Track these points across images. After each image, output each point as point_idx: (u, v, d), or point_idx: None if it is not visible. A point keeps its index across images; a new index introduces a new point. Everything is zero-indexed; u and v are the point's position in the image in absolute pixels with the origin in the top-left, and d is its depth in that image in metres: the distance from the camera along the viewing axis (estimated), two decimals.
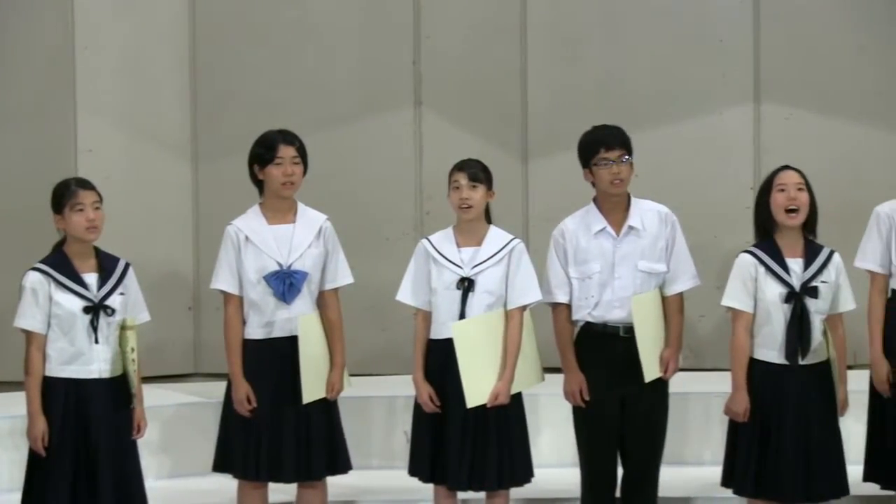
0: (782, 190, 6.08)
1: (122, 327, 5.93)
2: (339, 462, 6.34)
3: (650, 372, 6.20)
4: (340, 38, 8.83)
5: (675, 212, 6.43)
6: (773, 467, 6.05)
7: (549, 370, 6.39)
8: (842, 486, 6.16)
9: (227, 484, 6.48)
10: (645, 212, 6.34)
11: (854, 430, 6.47)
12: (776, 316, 6.04)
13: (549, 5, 8.83)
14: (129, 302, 5.99)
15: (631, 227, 6.29)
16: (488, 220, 6.28)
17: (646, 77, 8.75)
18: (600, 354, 6.24)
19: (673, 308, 6.31)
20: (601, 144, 6.24)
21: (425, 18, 8.85)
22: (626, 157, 6.23)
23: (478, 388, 6.10)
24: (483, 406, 6.09)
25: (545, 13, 8.81)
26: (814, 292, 6.04)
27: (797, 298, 6.03)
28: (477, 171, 6.21)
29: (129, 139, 8.66)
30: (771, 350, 6.07)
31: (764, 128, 8.76)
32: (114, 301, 5.92)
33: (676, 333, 6.29)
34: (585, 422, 6.29)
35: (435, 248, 6.26)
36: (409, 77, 8.83)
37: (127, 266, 6.03)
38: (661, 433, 6.32)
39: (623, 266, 6.25)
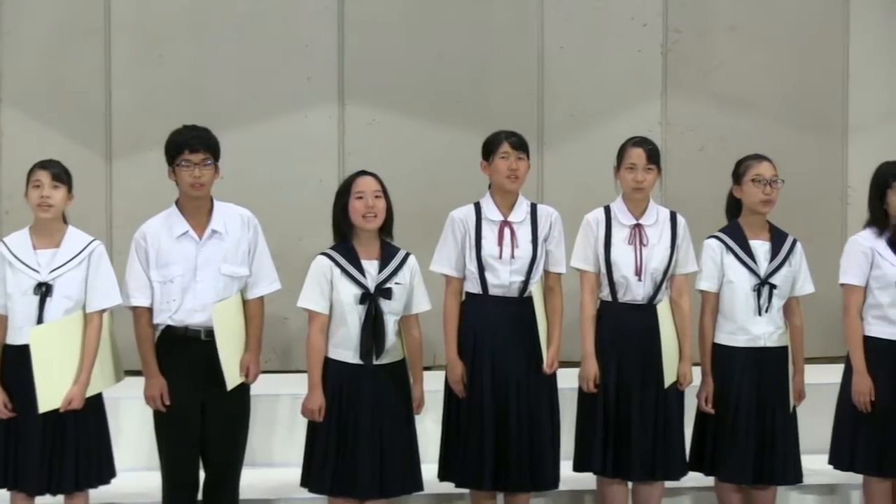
0: (360, 197, 6.20)
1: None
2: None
3: (232, 379, 6.19)
4: None
5: (260, 214, 6.44)
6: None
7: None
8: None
9: None
10: (228, 215, 6.32)
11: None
12: (351, 317, 6.16)
13: (134, 6, 8.69)
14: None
15: (214, 231, 6.26)
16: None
17: (232, 79, 8.73)
18: (181, 359, 6.19)
19: (254, 312, 6.33)
20: (185, 146, 6.19)
21: (5, 14, 8.58)
22: (210, 161, 6.21)
23: (51, 393, 5.97)
24: (57, 410, 5.99)
25: (130, 13, 8.68)
26: (388, 293, 6.19)
27: (371, 299, 6.17)
28: (59, 171, 6.09)
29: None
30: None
31: (348, 132, 8.86)
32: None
33: (256, 337, 6.31)
34: (166, 426, 6.23)
35: (10, 251, 6.08)
36: None
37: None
38: (243, 437, 6.33)
39: (205, 270, 6.22)
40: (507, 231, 6.54)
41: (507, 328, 6.50)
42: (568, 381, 6.66)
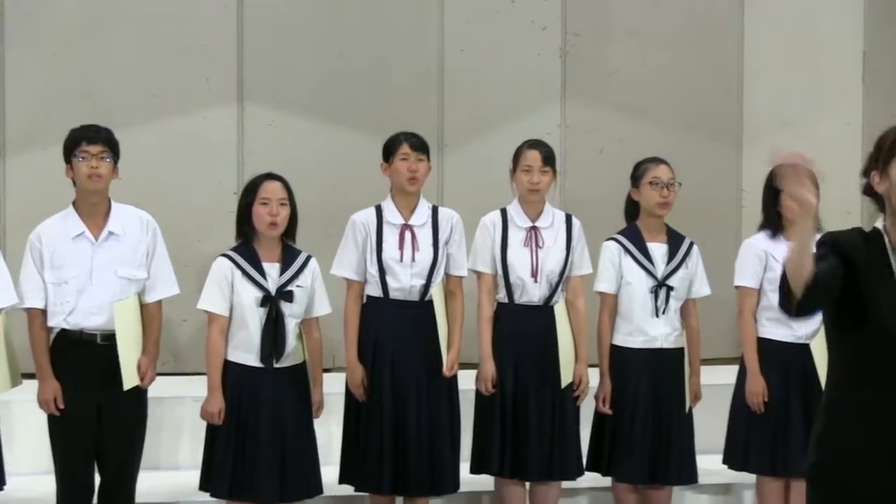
0: (265, 203, 6.16)
1: None
2: None
3: (129, 380, 6.13)
4: None
5: (159, 215, 6.38)
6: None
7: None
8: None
9: None
10: (126, 217, 6.26)
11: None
12: (251, 320, 6.13)
13: (28, 3, 8.59)
14: None
15: (111, 233, 6.20)
16: None
17: (129, 78, 8.66)
18: (76, 362, 6.12)
19: (152, 315, 6.27)
20: (83, 139, 6.11)
21: None
22: (108, 157, 6.15)
23: None
24: None
25: (23, 10, 8.57)
26: (289, 296, 6.17)
27: (272, 302, 6.15)
28: None
29: None
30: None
31: (247, 133, 8.83)
32: None
33: (154, 341, 6.25)
34: (60, 430, 6.14)
35: None
36: None
37: None
38: (139, 440, 6.26)
39: (102, 272, 6.15)
40: (408, 234, 6.54)
41: (407, 331, 6.50)
42: (468, 383, 6.68)
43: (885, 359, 3.85)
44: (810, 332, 6.67)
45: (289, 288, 6.17)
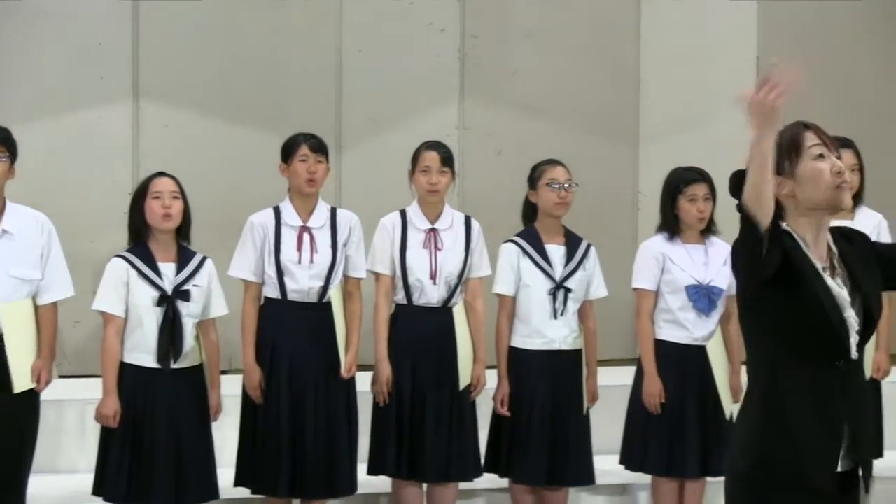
0: (157, 197, 6.14)
1: None
2: None
3: (20, 383, 6.05)
4: None
5: (53, 214, 6.31)
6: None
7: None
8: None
9: None
10: (21, 216, 6.17)
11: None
12: (147, 320, 6.08)
13: None
14: None
15: (5, 231, 6.11)
16: None
17: (22, 76, 8.55)
18: None
19: (46, 317, 6.19)
20: None
21: None
22: (5, 156, 6.07)
23: None
24: None
25: None
26: (186, 295, 6.14)
27: (169, 301, 6.11)
28: None
29: None
30: None
31: (143, 132, 8.75)
32: None
33: (49, 344, 6.17)
34: None
35: None
36: None
37: None
38: (30, 444, 6.17)
39: None
40: (306, 236, 6.52)
41: (305, 333, 6.48)
42: (366, 385, 6.67)
43: (816, 336, 3.87)
44: (706, 333, 6.74)
45: (185, 287, 6.14)
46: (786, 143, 3.97)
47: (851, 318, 3.92)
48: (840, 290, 3.93)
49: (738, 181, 3.94)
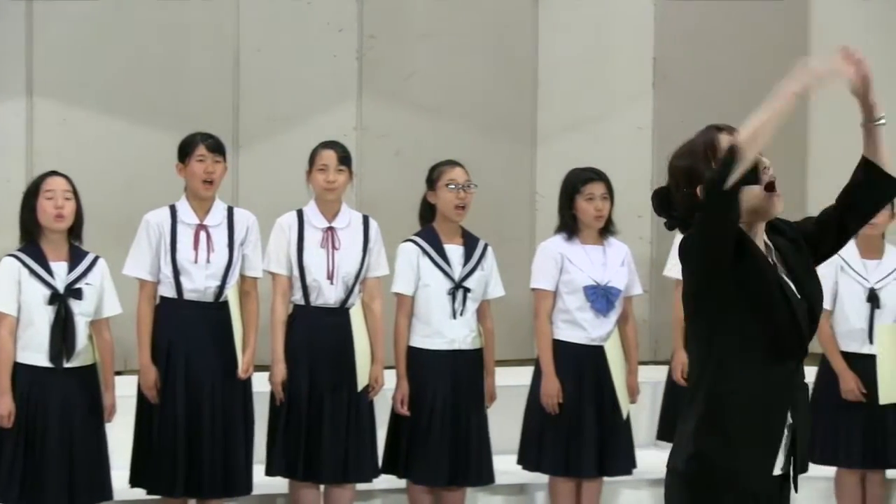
0: (50, 197, 6.08)
1: None
2: None
3: None
4: None
5: None
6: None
7: None
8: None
9: None
10: None
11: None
12: (39, 318, 6.01)
13: None
14: None
15: None
16: None
17: None
18: None
19: None
20: None
21: None
22: None
23: None
24: None
25: None
26: (78, 294, 6.10)
27: (61, 299, 6.07)
28: None
29: None
30: None
31: (37, 130, 8.64)
32: None
33: None
34: None
35: None
36: None
37: None
38: None
39: None
40: (203, 235, 6.49)
41: (201, 333, 6.45)
42: (263, 385, 6.64)
43: (777, 334, 3.85)
44: (604, 334, 6.79)
45: (77, 286, 6.11)
46: (708, 148, 3.90)
47: (802, 315, 3.90)
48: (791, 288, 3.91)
49: (660, 200, 3.95)
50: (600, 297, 6.77)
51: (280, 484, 6.79)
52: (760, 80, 9.85)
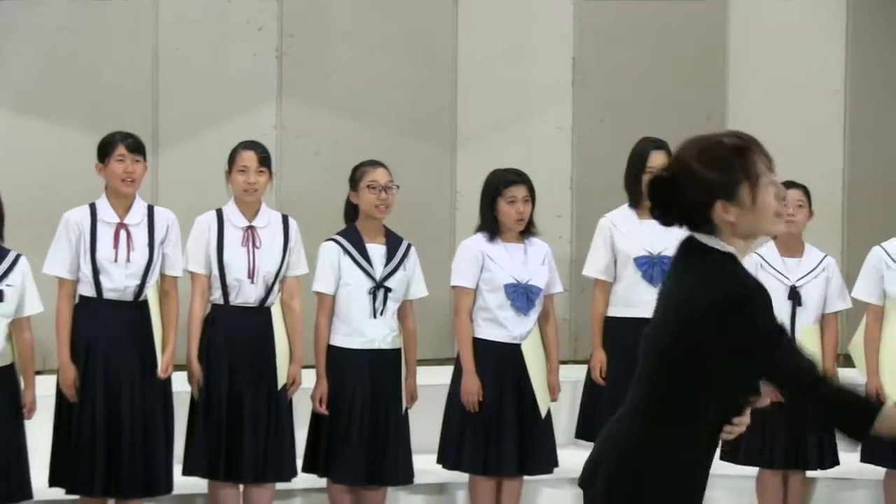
0: None
1: None
2: None
3: None
4: None
5: None
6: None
7: None
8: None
9: None
10: None
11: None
12: None
13: None
14: None
15: None
16: None
17: None
18: None
19: None
20: None
21: None
22: None
23: None
24: None
25: None
26: None
27: None
28: None
29: None
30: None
31: None
32: None
33: None
34: None
35: None
36: None
37: None
38: None
39: None
40: (123, 234, 6.46)
41: (121, 332, 6.43)
42: (183, 384, 6.63)
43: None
44: (524, 332, 6.83)
45: None
46: (742, 166, 3.62)
47: None
48: None
49: (662, 190, 3.67)
50: (521, 296, 6.81)
51: (199, 484, 6.77)
52: (680, 81, 10.01)
